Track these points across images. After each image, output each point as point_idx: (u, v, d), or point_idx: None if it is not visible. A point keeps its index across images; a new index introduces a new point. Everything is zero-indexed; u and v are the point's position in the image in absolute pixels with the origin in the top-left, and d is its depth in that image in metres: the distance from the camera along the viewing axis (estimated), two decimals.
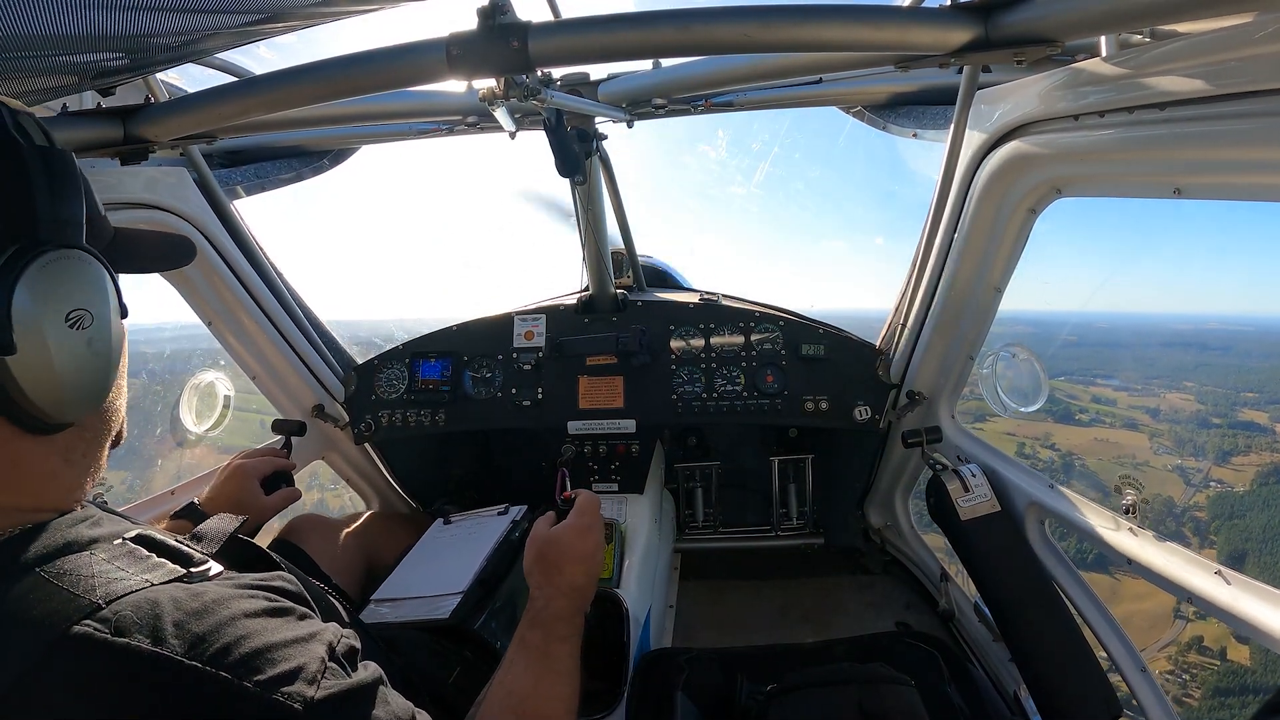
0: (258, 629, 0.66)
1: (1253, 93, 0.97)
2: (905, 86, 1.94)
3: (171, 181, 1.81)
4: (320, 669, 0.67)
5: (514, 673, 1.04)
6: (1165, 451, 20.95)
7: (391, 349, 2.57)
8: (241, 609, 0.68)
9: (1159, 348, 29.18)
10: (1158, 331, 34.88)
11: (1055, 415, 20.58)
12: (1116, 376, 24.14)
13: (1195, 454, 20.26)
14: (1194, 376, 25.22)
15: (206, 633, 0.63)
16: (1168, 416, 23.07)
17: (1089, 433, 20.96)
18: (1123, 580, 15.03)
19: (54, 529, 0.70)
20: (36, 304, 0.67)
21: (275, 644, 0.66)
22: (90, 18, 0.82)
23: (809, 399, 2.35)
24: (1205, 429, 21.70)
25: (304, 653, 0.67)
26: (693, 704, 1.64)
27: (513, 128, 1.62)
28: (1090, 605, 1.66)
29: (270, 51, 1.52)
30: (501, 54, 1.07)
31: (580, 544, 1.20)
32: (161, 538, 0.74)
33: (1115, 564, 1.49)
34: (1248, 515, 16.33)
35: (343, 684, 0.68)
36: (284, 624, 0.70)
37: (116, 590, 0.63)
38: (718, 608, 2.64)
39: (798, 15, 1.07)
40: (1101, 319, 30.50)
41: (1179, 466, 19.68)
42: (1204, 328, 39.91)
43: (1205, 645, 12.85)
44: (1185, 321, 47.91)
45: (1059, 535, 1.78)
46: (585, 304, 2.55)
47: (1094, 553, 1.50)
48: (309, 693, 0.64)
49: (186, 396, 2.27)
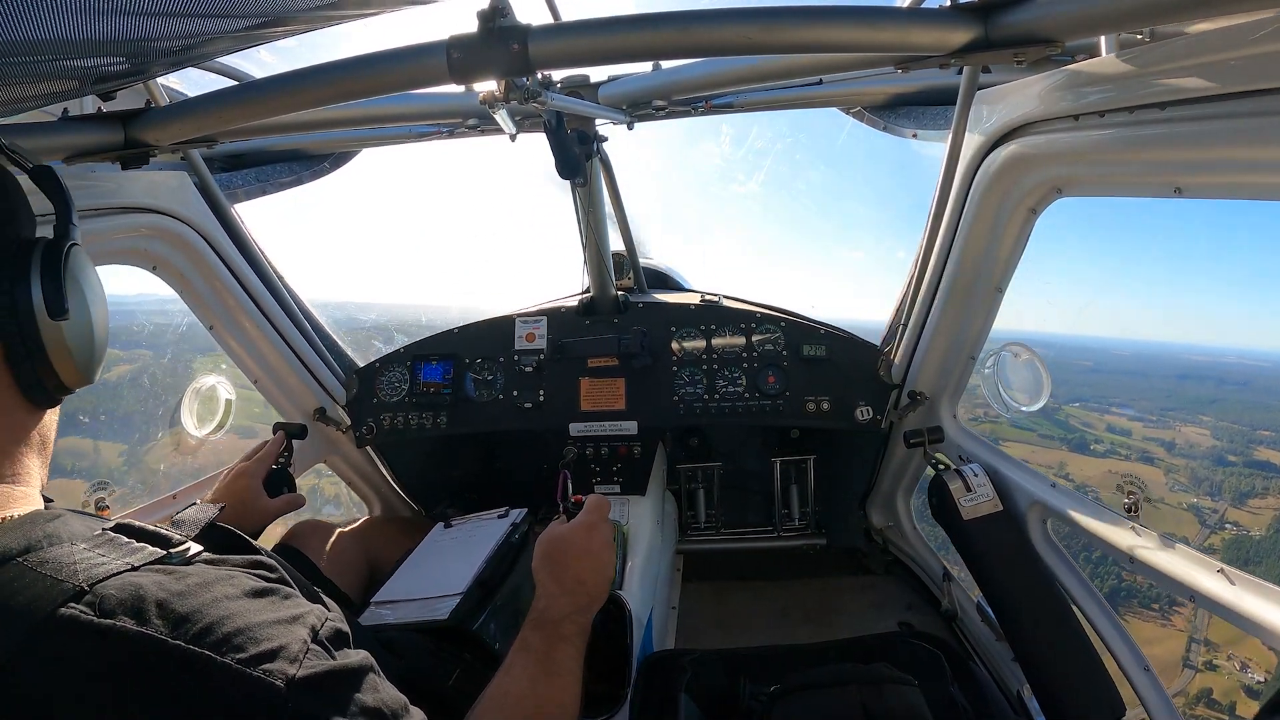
0: (240, 609, 0.67)
1: (1253, 92, 0.97)
2: (905, 87, 1.94)
3: (172, 186, 1.81)
4: (303, 649, 0.67)
5: (511, 675, 1.03)
6: (1181, 489, 20.25)
7: (393, 352, 2.57)
8: (224, 591, 0.68)
9: (1175, 379, 28.71)
10: (1175, 362, 34.51)
11: (1070, 444, 20.21)
12: (1132, 406, 23.73)
13: (1211, 493, 19.76)
14: (1210, 411, 24.69)
15: (190, 613, 0.63)
16: (1183, 451, 22.46)
17: (1104, 464, 20.61)
18: (1130, 622, 14.74)
19: (32, 520, 0.70)
20: (80, 281, 0.83)
21: (258, 624, 0.66)
22: (91, 22, 0.82)
23: (810, 400, 2.35)
24: (1221, 466, 21.13)
25: (286, 633, 0.67)
26: (696, 705, 1.64)
27: (513, 130, 1.62)
28: (1093, 604, 1.66)
29: (271, 55, 1.53)
30: (502, 57, 1.07)
31: (586, 540, 1.18)
32: (139, 524, 0.75)
33: (1118, 563, 1.49)
34: (1264, 562, 16.09)
35: (326, 664, 0.68)
36: (267, 604, 0.70)
37: (99, 574, 0.64)
38: (720, 609, 2.64)
39: (798, 17, 1.07)
40: (1119, 345, 30.26)
41: (1194, 505, 19.26)
42: (1221, 360, 39.06)
43: (1214, 699, 12.66)
44: (1202, 353, 47.48)
45: (1063, 537, 1.78)
46: (586, 306, 2.55)
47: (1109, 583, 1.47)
48: (291, 670, 0.64)
49: (188, 400, 2.27)
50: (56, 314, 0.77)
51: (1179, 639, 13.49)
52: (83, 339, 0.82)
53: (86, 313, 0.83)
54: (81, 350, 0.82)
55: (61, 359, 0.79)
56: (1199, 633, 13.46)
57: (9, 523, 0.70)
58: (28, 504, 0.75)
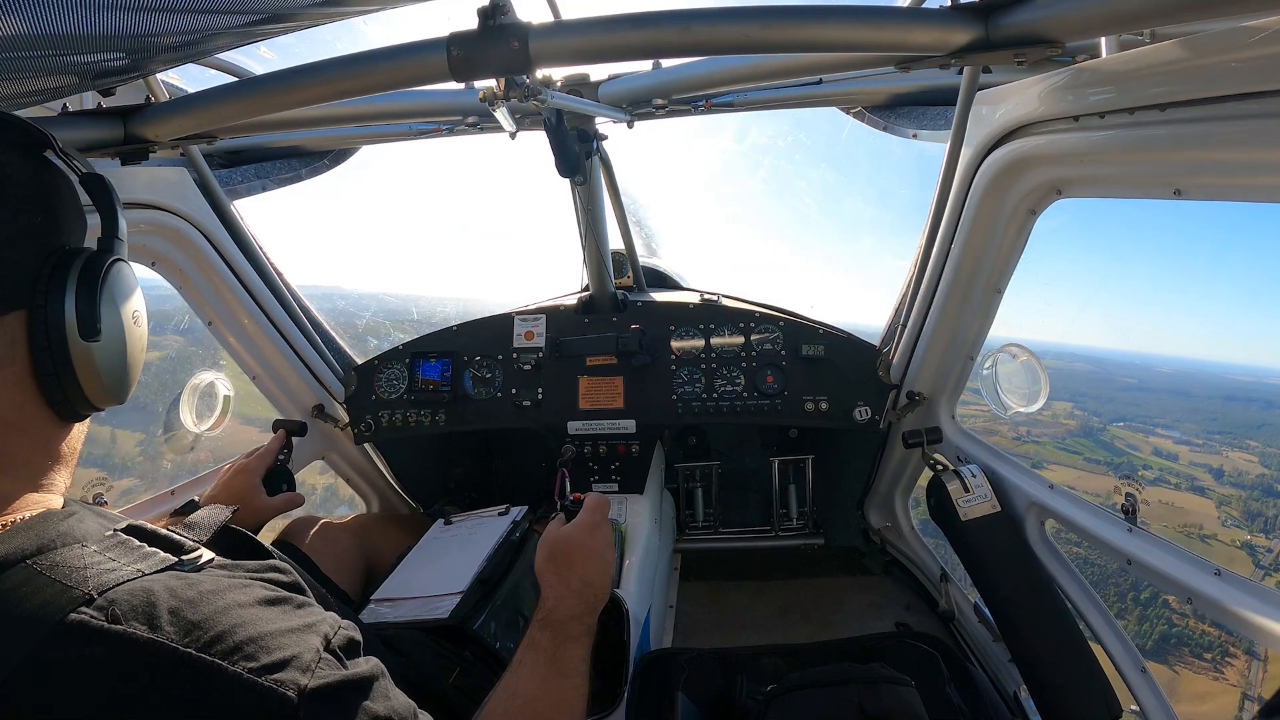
0: (252, 617, 0.66)
1: (1253, 94, 0.97)
2: (906, 87, 1.94)
3: (172, 181, 1.81)
4: (315, 658, 0.67)
5: (520, 675, 1.03)
6: (1234, 524, 19.78)
7: (392, 349, 2.57)
8: (236, 598, 0.68)
9: (1221, 400, 28.02)
10: (1219, 382, 33.64)
11: (1118, 470, 19.75)
12: (1177, 428, 23.04)
13: (1266, 529, 19.28)
14: (1257, 435, 24.05)
15: (201, 620, 0.63)
16: (1232, 479, 21.84)
17: (1153, 493, 20.07)
18: (1181, 673, 13.81)
19: (44, 519, 0.69)
20: (119, 299, 0.80)
21: (270, 632, 0.66)
22: (91, 18, 0.82)
23: (809, 399, 2.35)
24: (1271, 496, 20.56)
25: (299, 642, 0.67)
26: (693, 704, 1.64)
27: (513, 128, 1.62)
28: (1090, 605, 1.66)
29: (271, 52, 1.52)
30: (502, 54, 1.07)
31: (590, 540, 1.19)
32: (152, 527, 0.74)
33: (1116, 564, 1.49)
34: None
35: (338, 674, 0.68)
36: (279, 613, 0.70)
37: (109, 580, 0.63)
38: (718, 608, 2.64)
39: (798, 16, 1.07)
40: (1163, 361, 29.74)
41: (1247, 543, 18.90)
42: (1266, 382, 37.89)
43: None
44: (1248, 373, 46.28)
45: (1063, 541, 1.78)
46: (585, 304, 2.55)
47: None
48: (303, 681, 0.64)
49: (186, 397, 2.27)
50: (88, 335, 0.74)
51: (1232, 695, 13.12)
52: (115, 359, 0.79)
53: (121, 333, 0.80)
54: (112, 371, 0.79)
55: (90, 379, 0.76)
56: (1254, 688, 13.19)
57: (22, 523, 0.69)
58: (43, 507, 0.73)
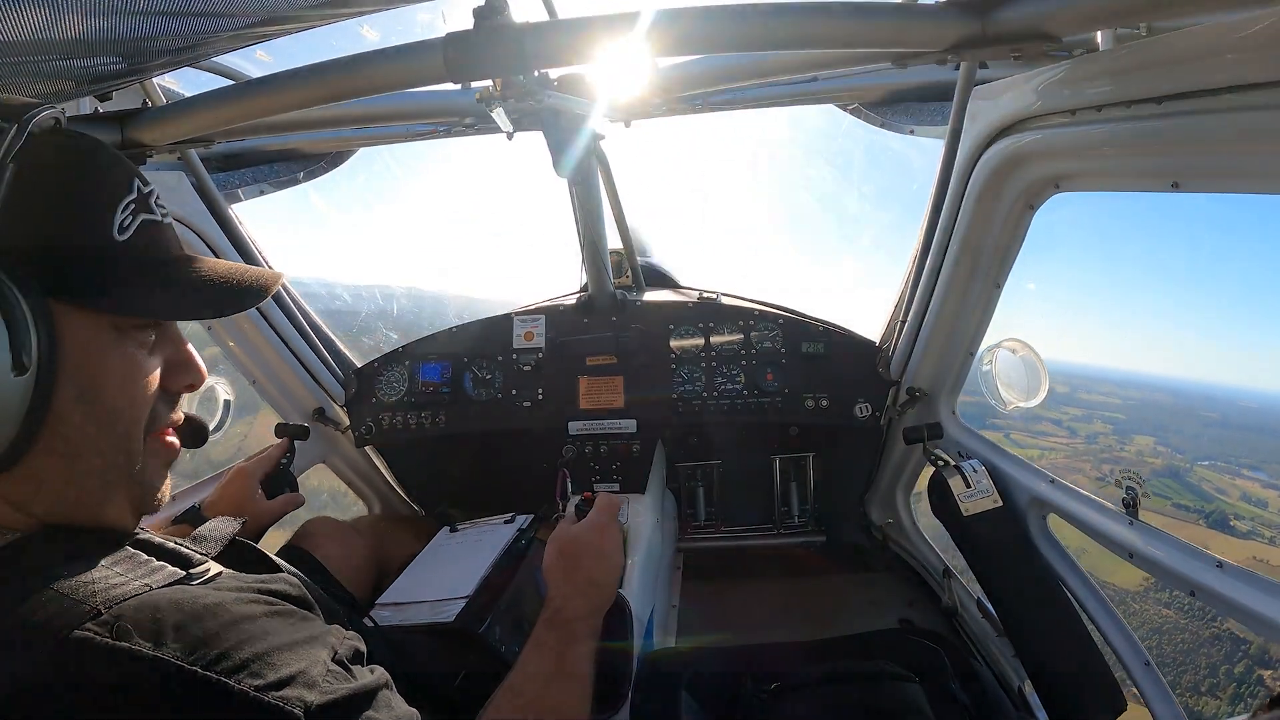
0: (258, 633, 0.66)
1: (1250, 86, 0.97)
2: (903, 83, 1.93)
3: (169, 185, 1.80)
4: (322, 673, 0.67)
5: (525, 674, 1.03)
6: None
7: (391, 351, 2.57)
8: (242, 612, 0.67)
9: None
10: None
11: (1209, 519, 18.58)
12: (1264, 469, 22.11)
13: None
14: None
15: (207, 636, 0.63)
16: None
17: (1246, 547, 18.70)
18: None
19: (50, 536, 0.69)
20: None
21: (275, 648, 0.66)
22: (87, 22, 0.82)
23: (809, 397, 2.35)
24: None
25: (305, 657, 0.67)
26: (697, 703, 1.64)
27: (510, 128, 1.61)
28: (1093, 600, 1.66)
29: (267, 55, 1.52)
30: (498, 54, 1.07)
31: (598, 540, 1.19)
32: (160, 541, 0.74)
33: (1117, 556, 1.49)
34: None
35: (344, 689, 0.68)
36: (285, 627, 0.70)
37: (116, 595, 0.63)
38: (720, 606, 2.64)
39: (795, 12, 1.07)
40: (1246, 395, 28.63)
41: None
42: None
43: None
44: None
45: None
46: (584, 304, 2.54)
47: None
48: (309, 698, 0.64)
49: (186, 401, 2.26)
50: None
51: None
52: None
53: None
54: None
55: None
56: None
57: (23, 540, 0.68)
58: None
